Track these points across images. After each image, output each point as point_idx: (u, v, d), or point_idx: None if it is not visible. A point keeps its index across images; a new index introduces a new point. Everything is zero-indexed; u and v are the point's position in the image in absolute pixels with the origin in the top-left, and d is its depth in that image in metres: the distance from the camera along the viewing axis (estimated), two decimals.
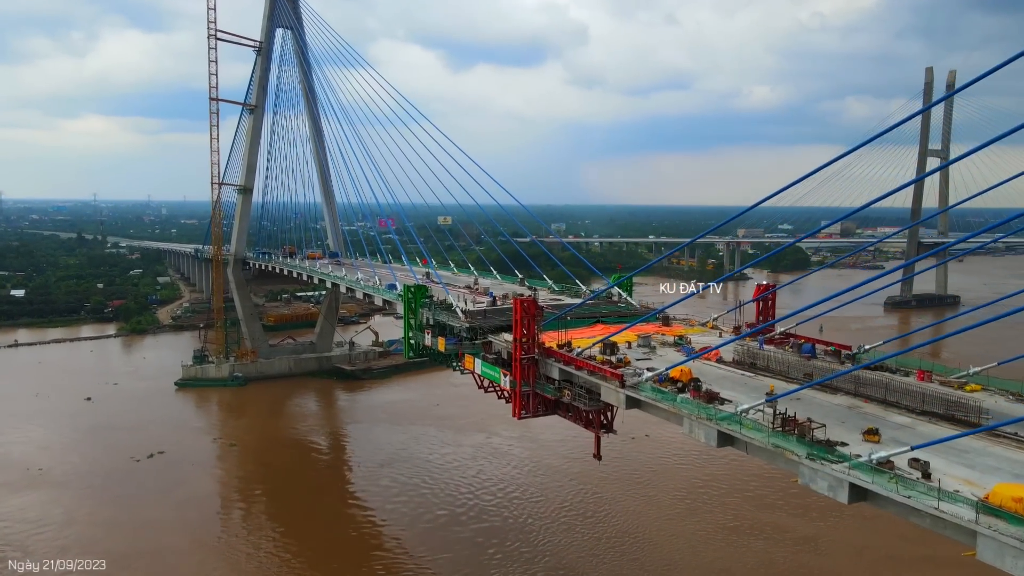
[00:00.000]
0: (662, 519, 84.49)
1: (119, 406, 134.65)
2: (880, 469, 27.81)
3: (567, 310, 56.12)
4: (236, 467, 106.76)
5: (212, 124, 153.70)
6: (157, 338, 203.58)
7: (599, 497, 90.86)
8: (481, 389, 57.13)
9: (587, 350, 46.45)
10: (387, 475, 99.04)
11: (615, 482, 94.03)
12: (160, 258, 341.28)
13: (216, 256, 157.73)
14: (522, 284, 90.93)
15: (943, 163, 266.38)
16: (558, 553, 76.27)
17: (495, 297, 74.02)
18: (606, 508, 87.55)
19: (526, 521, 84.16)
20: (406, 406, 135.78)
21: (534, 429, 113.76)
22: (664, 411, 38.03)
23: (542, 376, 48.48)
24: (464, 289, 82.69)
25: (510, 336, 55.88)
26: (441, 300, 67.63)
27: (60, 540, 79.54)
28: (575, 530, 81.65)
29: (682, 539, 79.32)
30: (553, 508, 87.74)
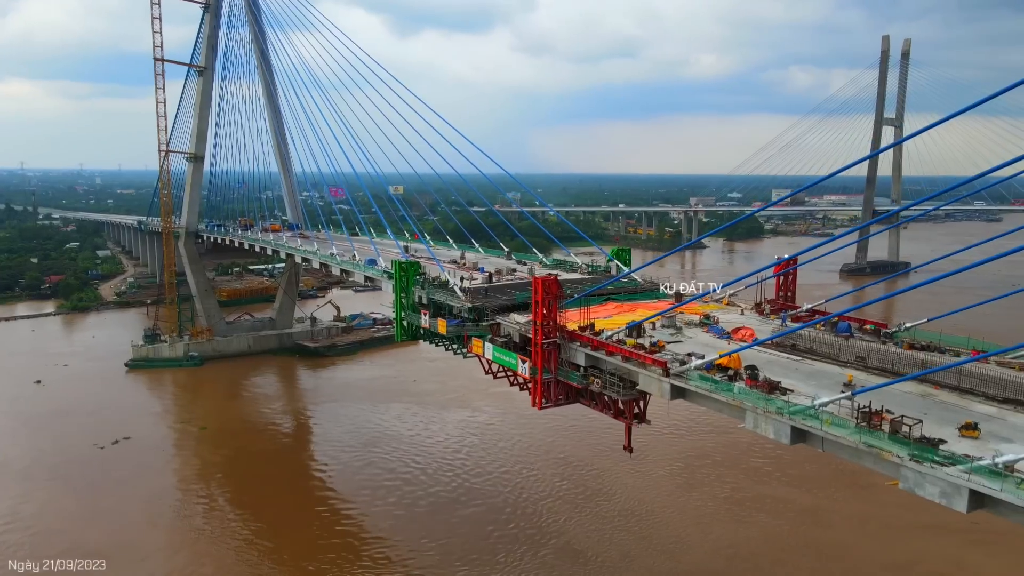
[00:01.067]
0: (663, 495, 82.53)
1: (73, 389, 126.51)
2: (1005, 473, 24.78)
3: (593, 289, 51.66)
4: (209, 452, 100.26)
5: (158, 87, 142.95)
6: (101, 315, 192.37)
7: (595, 472, 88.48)
8: (489, 375, 52.75)
9: (616, 333, 42.46)
10: (374, 456, 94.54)
11: (606, 456, 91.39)
12: (98, 230, 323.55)
13: (166, 228, 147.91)
14: (509, 258, 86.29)
15: (896, 140, 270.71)
16: (564, 533, 73.63)
17: (489, 273, 69.19)
18: (604, 484, 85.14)
19: (527, 500, 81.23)
20: (382, 383, 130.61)
21: (518, 404, 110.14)
22: (719, 403, 34.49)
23: (565, 362, 44.44)
24: (450, 264, 77.64)
25: (520, 317, 51.61)
26: (434, 277, 62.68)
27: (33, 538, 73.34)
28: (579, 508, 79.14)
29: (687, 515, 77.52)
30: (551, 485, 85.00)
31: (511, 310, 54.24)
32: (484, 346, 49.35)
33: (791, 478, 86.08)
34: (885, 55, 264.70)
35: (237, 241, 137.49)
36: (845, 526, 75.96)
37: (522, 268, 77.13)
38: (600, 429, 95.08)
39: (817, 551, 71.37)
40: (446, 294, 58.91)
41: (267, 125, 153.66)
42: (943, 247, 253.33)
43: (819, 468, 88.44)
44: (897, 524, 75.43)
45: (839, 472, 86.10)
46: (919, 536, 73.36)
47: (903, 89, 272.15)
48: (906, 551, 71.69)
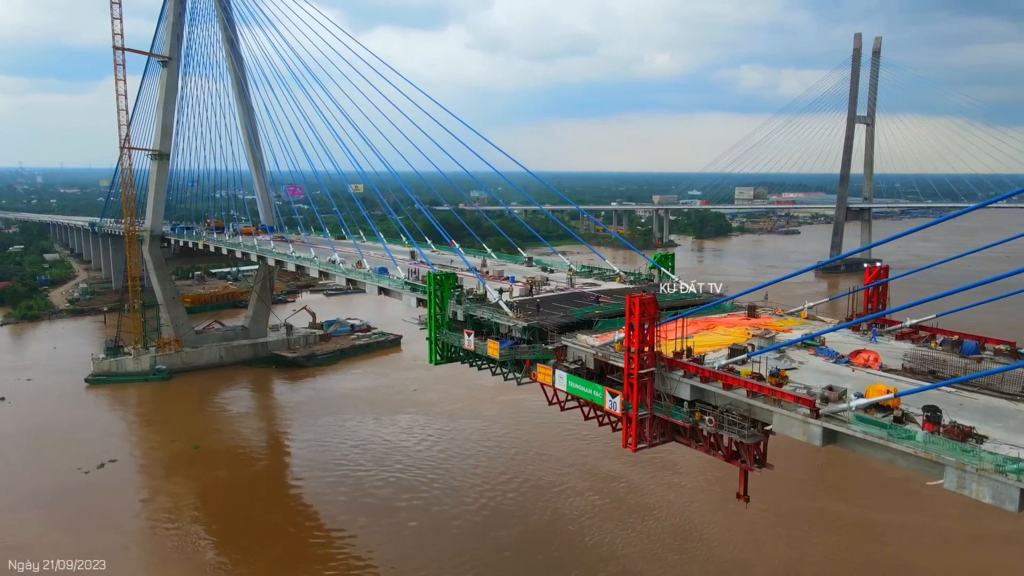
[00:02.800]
0: (706, 510, 77.34)
1: (41, 406, 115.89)
2: None
3: (699, 309, 44.48)
4: (205, 475, 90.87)
5: (118, 78, 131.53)
6: (54, 325, 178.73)
7: (627, 485, 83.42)
8: (555, 405, 45.65)
9: (729, 361, 36.06)
10: (387, 474, 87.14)
11: (632, 466, 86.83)
12: (44, 232, 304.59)
13: (129, 231, 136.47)
14: (530, 264, 79.15)
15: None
16: (618, 556, 67.92)
17: (528, 284, 61.79)
18: (642, 499, 79.97)
19: (566, 519, 75.20)
20: (381, 393, 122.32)
21: (528, 411, 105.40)
22: (896, 453, 28.38)
23: (663, 395, 37.89)
24: (467, 273, 70.31)
25: (590, 338, 44.78)
26: (468, 290, 55.21)
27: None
28: (624, 526, 73.51)
29: (736, 533, 72.25)
30: (586, 501, 79.31)
31: (569, 329, 47.48)
32: (554, 374, 42.40)
33: (831, 488, 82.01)
34: (857, 53, 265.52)
35: (213, 246, 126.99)
36: (901, 540, 71.62)
37: (555, 277, 69.85)
38: (614, 440, 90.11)
39: (880, 570, 66.66)
40: (490, 310, 51.72)
41: (236, 121, 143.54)
42: (906, 243, 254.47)
43: (856, 475, 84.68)
44: (952, 536, 71.65)
45: (878, 479, 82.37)
46: (978, 549, 69.55)
47: (874, 88, 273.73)
48: (971, 566, 67.57)
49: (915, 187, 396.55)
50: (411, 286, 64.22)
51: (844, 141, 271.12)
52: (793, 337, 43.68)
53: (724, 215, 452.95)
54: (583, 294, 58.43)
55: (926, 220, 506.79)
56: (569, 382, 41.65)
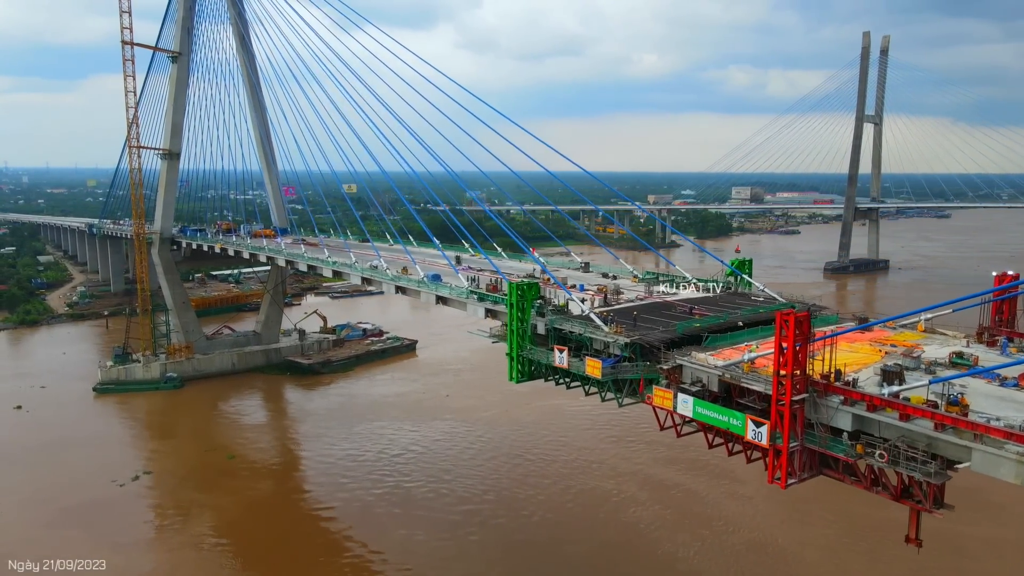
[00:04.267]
0: (776, 522, 74.06)
1: (60, 415, 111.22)
2: None
3: (837, 330, 40.30)
4: (244, 487, 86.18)
5: (127, 74, 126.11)
6: (53, 330, 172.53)
7: (687, 493, 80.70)
8: (668, 430, 41.36)
9: (901, 388, 31.98)
10: (439, 485, 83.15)
11: (690, 473, 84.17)
12: (35, 234, 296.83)
13: (139, 233, 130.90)
14: (586, 270, 74.80)
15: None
16: (700, 573, 64.36)
17: (603, 294, 57.40)
18: (707, 508, 76.91)
19: (638, 533, 71.84)
20: (413, 400, 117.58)
21: (568, 417, 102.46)
22: None
23: (815, 424, 33.80)
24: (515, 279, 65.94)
25: (709, 356, 40.57)
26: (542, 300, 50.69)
27: None
28: (702, 540, 70.27)
29: (814, 548, 68.98)
30: (652, 512, 76.08)
31: (674, 345, 43.30)
32: (676, 398, 38.19)
33: None
34: (865, 51, 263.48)
35: (232, 250, 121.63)
36: (986, 555, 68.25)
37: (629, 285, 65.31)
38: (667, 444, 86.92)
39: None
40: (581, 324, 47.44)
41: (248, 120, 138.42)
42: (909, 243, 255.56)
43: None
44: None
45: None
46: None
47: (882, 87, 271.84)
48: None
49: (906, 186, 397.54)
50: (478, 295, 59.76)
51: (852, 140, 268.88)
52: (924, 354, 39.73)
53: (724, 215, 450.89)
54: (669, 304, 54.33)
55: (922, 219, 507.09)
56: (696, 407, 37.44)
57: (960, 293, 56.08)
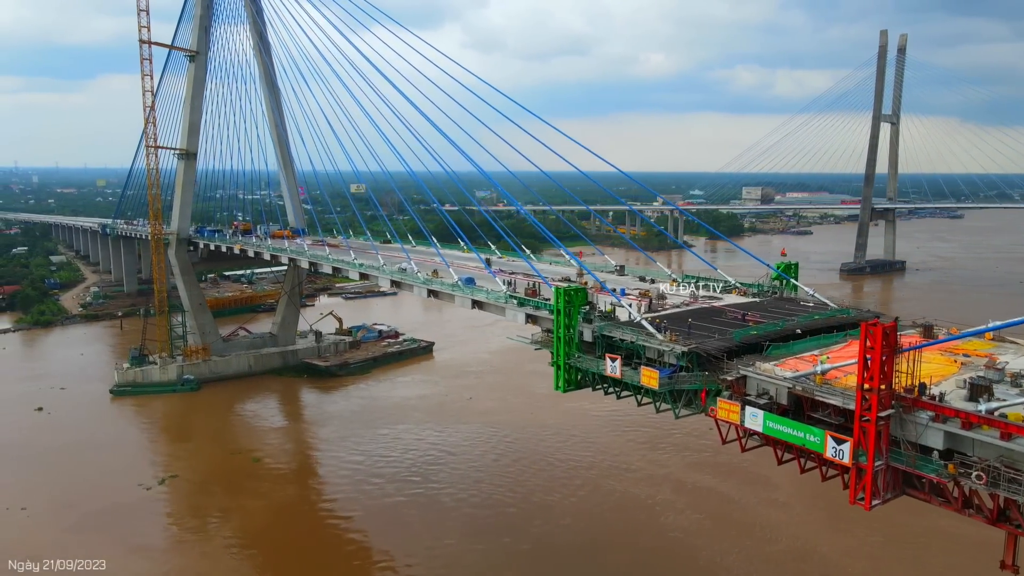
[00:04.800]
0: (817, 531, 72.18)
1: (80, 417, 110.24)
2: None
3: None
4: (272, 490, 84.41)
5: (144, 73, 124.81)
6: (67, 331, 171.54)
7: (724, 499, 79.07)
8: (730, 443, 39.49)
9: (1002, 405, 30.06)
10: (471, 493, 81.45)
11: (725, 479, 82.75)
12: (47, 234, 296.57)
13: (155, 234, 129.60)
14: (622, 273, 72.90)
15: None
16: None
17: (648, 298, 55.40)
18: (748, 517, 75.15)
19: (676, 538, 70.57)
20: (435, 402, 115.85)
21: (594, 420, 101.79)
22: None
23: (901, 442, 31.95)
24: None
25: (774, 366, 38.72)
26: (589, 306, 48.81)
27: None
28: (741, 548, 68.63)
29: (860, 557, 67.06)
30: (694, 520, 74.38)
31: (733, 354, 41.50)
32: (743, 411, 36.36)
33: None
34: (883, 50, 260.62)
35: (252, 251, 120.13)
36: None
37: (673, 289, 63.25)
38: (687, 445, 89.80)
39: None
40: (632, 331, 45.64)
41: (265, 120, 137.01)
42: (923, 243, 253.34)
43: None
44: None
45: None
46: None
47: (899, 86, 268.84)
48: None
49: (921, 186, 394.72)
50: (518, 300, 57.93)
51: (869, 140, 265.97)
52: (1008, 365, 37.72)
53: (736, 215, 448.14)
54: (718, 310, 52.49)
55: (934, 219, 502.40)
56: (767, 422, 35.60)
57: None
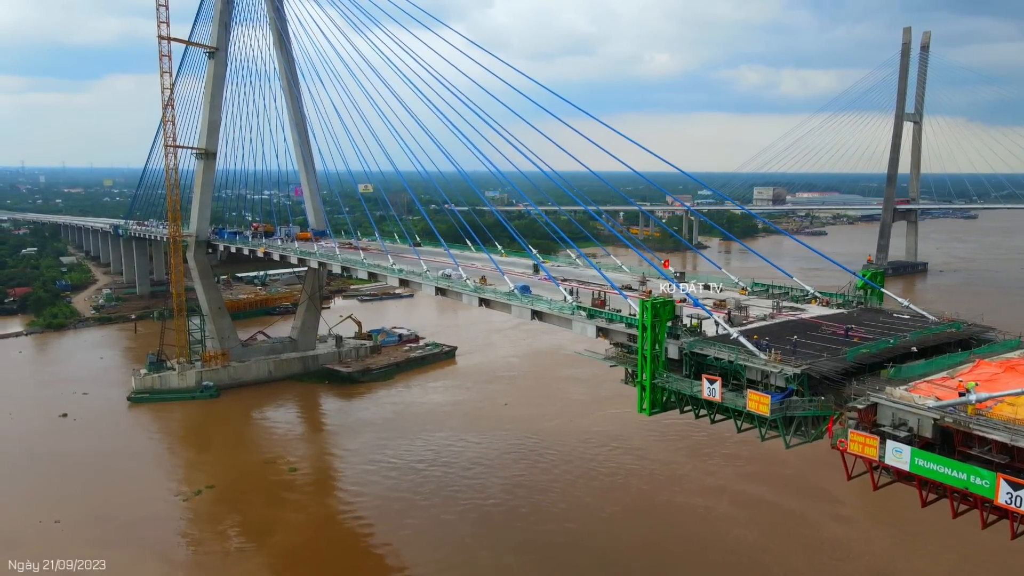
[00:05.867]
0: (891, 550, 68.24)
1: (106, 423, 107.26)
2: None
3: None
4: (311, 502, 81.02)
5: (164, 70, 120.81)
6: (80, 334, 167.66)
7: (794, 518, 74.92)
8: (857, 478, 35.26)
9: None
10: (520, 503, 77.58)
11: (783, 493, 79.02)
12: (56, 234, 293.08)
13: (174, 236, 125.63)
14: (682, 280, 68.42)
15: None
16: None
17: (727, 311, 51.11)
18: (817, 534, 71.61)
19: (748, 556, 66.90)
20: (470, 409, 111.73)
21: (635, 426, 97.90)
22: None
23: None
24: (596, 288, 59.86)
25: (906, 392, 34.43)
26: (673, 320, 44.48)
27: None
28: (818, 568, 65.74)
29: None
30: (761, 536, 70.62)
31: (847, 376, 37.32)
32: (885, 445, 32.04)
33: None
34: (906, 47, 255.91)
35: (277, 254, 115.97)
36: None
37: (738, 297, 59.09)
38: (736, 455, 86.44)
39: None
40: (729, 349, 41.43)
41: (284, 120, 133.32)
42: (942, 244, 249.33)
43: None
44: None
45: None
46: None
47: (922, 84, 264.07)
48: None
49: (930, 186, 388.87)
50: (587, 312, 53.54)
51: (892, 139, 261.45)
52: None
53: (750, 215, 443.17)
54: (812, 324, 48.27)
55: (947, 220, 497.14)
56: (916, 459, 31.35)
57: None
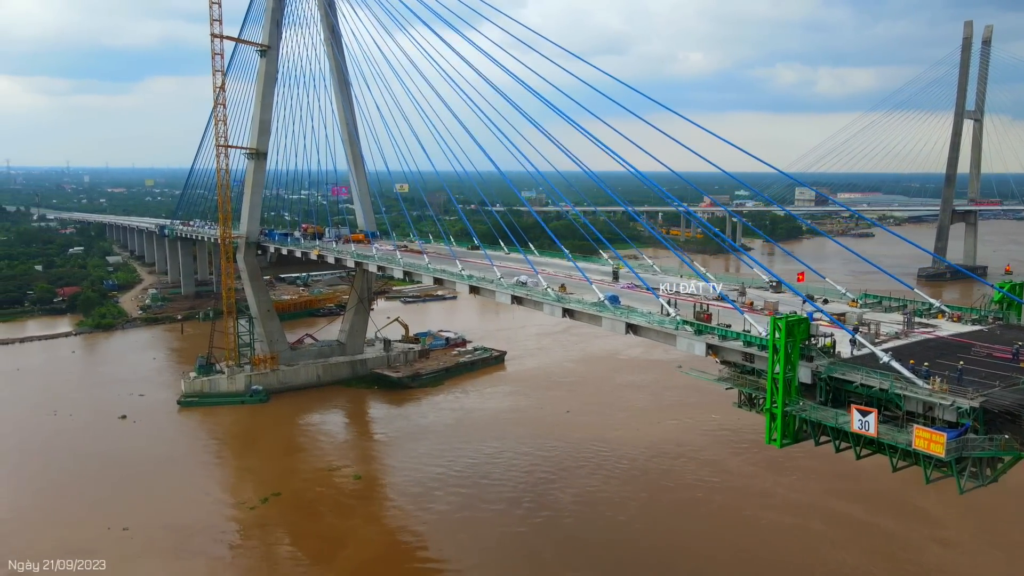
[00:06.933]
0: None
1: (164, 426, 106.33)
2: None
3: None
4: (381, 513, 78.58)
5: (215, 69, 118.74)
6: (128, 334, 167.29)
7: (894, 541, 69.98)
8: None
9: None
10: (599, 517, 73.88)
11: (876, 512, 73.96)
12: (102, 233, 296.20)
13: (225, 238, 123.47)
14: (778, 290, 63.05)
15: None
16: None
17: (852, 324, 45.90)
18: (920, 557, 67.28)
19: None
20: (532, 416, 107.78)
21: (708, 434, 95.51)
22: None
23: None
24: (687, 297, 55.13)
25: None
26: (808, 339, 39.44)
27: None
28: None
29: None
30: (862, 559, 66.15)
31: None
32: None
33: None
34: (967, 41, 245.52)
35: (332, 257, 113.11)
36: None
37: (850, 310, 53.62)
38: (819, 469, 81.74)
39: None
40: (880, 375, 36.48)
41: (336, 120, 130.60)
42: (1000, 247, 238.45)
43: None
44: None
45: None
46: None
47: (984, 80, 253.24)
48: None
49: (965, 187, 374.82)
50: (695, 327, 48.58)
51: (951, 138, 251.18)
52: None
53: (793, 216, 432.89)
54: (957, 344, 43.04)
55: (998, 221, 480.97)
56: None
57: None
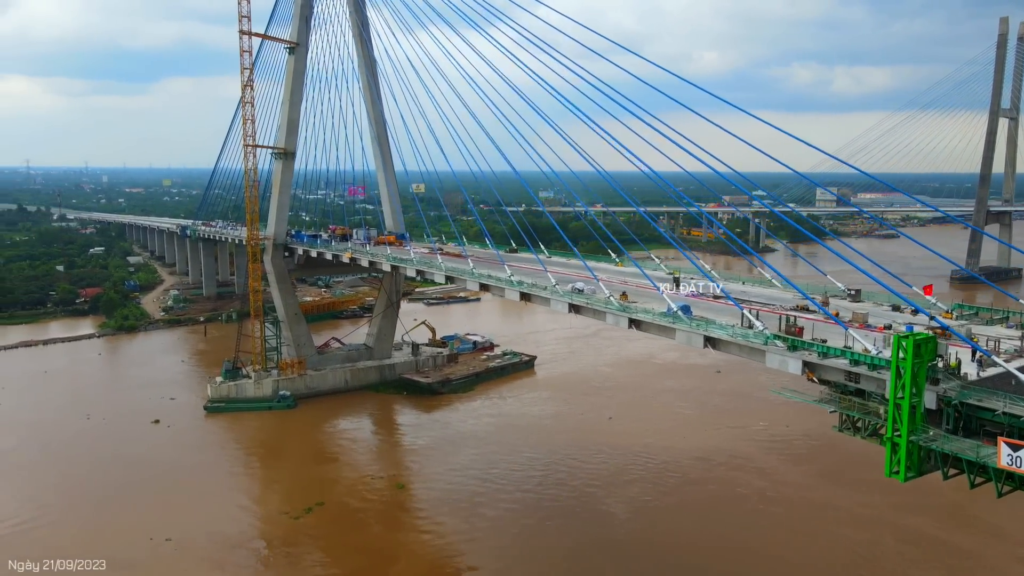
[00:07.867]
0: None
1: (198, 431, 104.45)
2: None
3: None
4: (427, 525, 75.24)
5: (244, 66, 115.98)
6: (151, 336, 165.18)
7: (972, 559, 67.04)
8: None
9: None
10: (654, 534, 70.59)
11: (948, 527, 70.90)
12: (122, 234, 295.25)
13: (252, 240, 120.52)
14: (856, 298, 59.20)
15: None
16: None
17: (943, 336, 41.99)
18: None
19: None
20: (573, 422, 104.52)
21: (758, 441, 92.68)
22: None
23: None
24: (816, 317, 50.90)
25: None
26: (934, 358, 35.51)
27: None
28: None
29: None
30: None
31: None
32: None
33: None
34: (1003, 38, 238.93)
35: (366, 260, 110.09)
36: None
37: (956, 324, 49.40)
38: (880, 481, 75.01)
39: None
40: (1006, 398, 32.35)
41: (366, 119, 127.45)
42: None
43: None
44: None
45: None
46: None
47: (1020, 75, 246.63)
48: None
49: None
50: (788, 343, 44.43)
51: (986, 136, 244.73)
52: None
53: (817, 217, 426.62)
54: None
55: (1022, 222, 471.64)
56: None
57: None
